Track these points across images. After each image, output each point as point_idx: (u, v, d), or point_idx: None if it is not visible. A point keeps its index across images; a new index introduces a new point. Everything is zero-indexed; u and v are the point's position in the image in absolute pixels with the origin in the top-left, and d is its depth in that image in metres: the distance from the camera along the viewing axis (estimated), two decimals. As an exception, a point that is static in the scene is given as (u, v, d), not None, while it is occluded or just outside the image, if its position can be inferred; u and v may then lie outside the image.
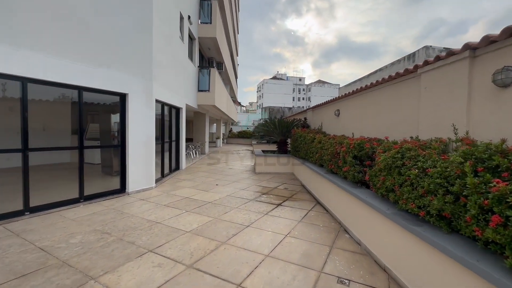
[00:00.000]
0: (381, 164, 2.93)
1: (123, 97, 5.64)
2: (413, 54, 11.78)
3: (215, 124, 27.05)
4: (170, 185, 6.82)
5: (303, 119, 9.90)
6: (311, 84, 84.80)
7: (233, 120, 27.92)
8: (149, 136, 6.15)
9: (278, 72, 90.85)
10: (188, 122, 25.47)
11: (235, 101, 34.62)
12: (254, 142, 18.05)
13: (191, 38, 10.64)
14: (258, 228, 3.96)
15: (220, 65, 15.81)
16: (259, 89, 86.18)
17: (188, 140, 16.41)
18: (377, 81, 4.76)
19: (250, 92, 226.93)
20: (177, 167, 9.12)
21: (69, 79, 4.55)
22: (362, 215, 3.31)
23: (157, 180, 6.95)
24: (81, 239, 3.42)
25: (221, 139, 22.20)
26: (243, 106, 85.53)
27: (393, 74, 4.25)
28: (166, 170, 7.96)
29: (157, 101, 6.70)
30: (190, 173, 8.58)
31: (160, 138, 7.35)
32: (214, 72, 11.42)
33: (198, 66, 11.43)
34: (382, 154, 3.09)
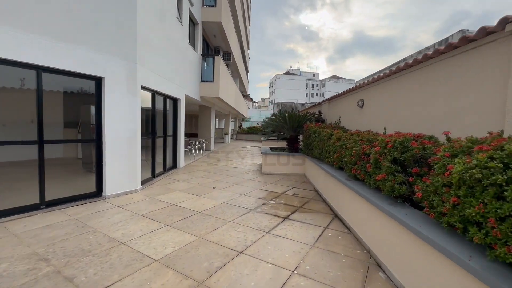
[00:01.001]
0: (454, 177, 1.75)
1: (98, 82, 4.67)
2: (446, 39, 10.23)
3: (224, 119, 26.11)
4: (160, 187, 5.85)
5: (317, 113, 8.67)
6: (325, 79, 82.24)
7: (243, 115, 26.88)
8: (132, 130, 5.17)
9: (291, 67, 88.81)
10: (193, 116, 24.65)
11: (245, 96, 33.56)
12: (263, 138, 16.93)
13: (192, 21, 9.59)
14: (255, 256, 2.86)
15: (227, 55, 14.73)
16: (271, 85, 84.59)
17: (193, 135, 15.51)
18: (425, 56, 3.49)
19: (262, 88, 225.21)
20: (174, 165, 8.17)
21: (22, 56, 3.60)
22: (415, 253, 2.14)
23: (145, 181, 5.99)
24: (3, 270, 2.45)
25: (229, 135, 21.23)
26: (255, 102, 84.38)
27: (455, 41, 2.99)
28: (159, 169, 7.01)
29: (144, 88, 5.71)
30: (187, 173, 7.60)
31: (151, 132, 6.38)
32: (219, 60, 10.35)
33: (202, 54, 10.40)
34: (451, 160, 1.90)
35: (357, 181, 3.74)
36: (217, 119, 31.17)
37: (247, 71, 30.73)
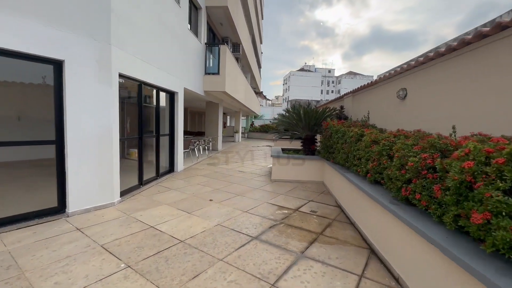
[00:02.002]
0: None
1: (57, 66, 3.62)
2: (493, 20, 8.52)
3: (234, 117, 24.98)
4: (145, 198, 4.79)
5: (338, 108, 7.31)
6: (341, 75, 79.31)
7: (254, 113, 25.70)
8: (106, 128, 4.12)
9: (305, 63, 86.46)
10: (200, 113, 23.71)
11: (258, 93, 32.34)
12: (275, 137, 15.66)
13: (194, 5, 8.48)
14: None
15: (236, 47, 13.56)
16: (285, 82, 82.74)
17: (199, 134, 14.52)
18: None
19: (276, 86, 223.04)
20: (171, 169, 7.12)
21: None
22: None
23: (128, 191, 4.96)
24: None
25: (240, 133, 20.13)
26: (269, 100, 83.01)
27: None
28: (150, 174, 5.97)
29: (125, 77, 4.64)
30: (185, 178, 6.52)
31: (138, 131, 5.33)
32: (225, 50, 9.19)
33: (206, 44, 9.28)
34: None
35: (410, 206, 2.46)
36: (228, 117, 30.22)
37: (259, 66, 29.48)
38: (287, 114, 7.44)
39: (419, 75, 3.95)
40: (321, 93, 76.43)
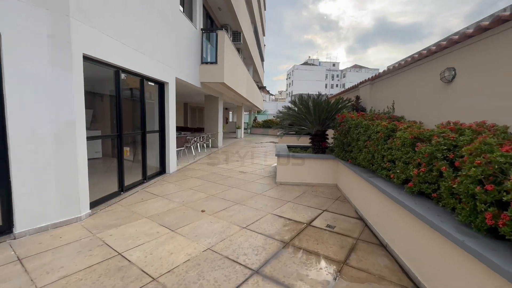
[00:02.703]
0: None
1: (-8, 41, 2.75)
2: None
3: (236, 112, 24.00)
4: (122, 210, 3.93)
5: (353, 99, 6.33)
6: (346, 69, 77.46)
7: (258, 107, 24.74)
8: (67, 124, 3.25)
9: (309, 57, 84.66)
10: (200, 109, 22.79)
11: (261, 87, 31.28)
12: (279, 133, 14.73)
13: (187, -16, 7.52)
14: None
15: (237, 36, 12.57)
16: (288, 76, 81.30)
17: (198, 130, 13.66)
18: None
19: (279, 81, 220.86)
20: (162, 171, 6.26)
21: None
22: None
23: (104, 200, 4.12)
24: None
25: (242, 129, 19.22)
26: (272, 95, 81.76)
27: None
28: (135, 178, 5.13)
29: (93, 60, 3.75)
30: (176, 181, 5.66)
31: (116, 128, 4.46)
32: (223, 36, 8.23)
33: (202, 30, 8.33)
34: None
35: (501, 242, 1.54)
36: (230, 112, 29.31)
37: (262, 59, 28.35)
38: (293, 106, 6.50)
39: (476, 50, 2.97)
40: (326, 87, 74.86)
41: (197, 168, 7.21)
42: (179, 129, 13.94)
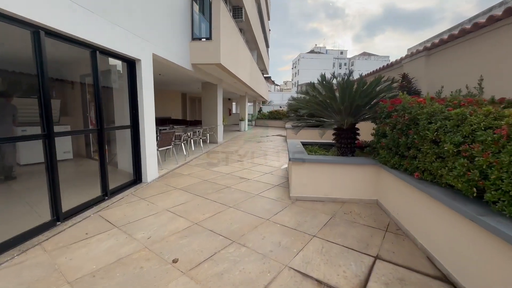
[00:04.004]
0: None
1: None
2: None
3: (239, 103, 22.20)
4: (43, 259, 2.39)
5: (399, 78, 4.52)
6: (354, 57, 74.14)
7: (263, 97, 22.94)
8: None
9: (316, 45, 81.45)
10: (198, 100, 20.99)
11: (266, 77, 29.33)
12: (287, 125, 13.04)
13: None
14: None
15: (238, 11, 10.74)
16: (294, 65, 78.46)
17: (195, 123, 12.05)
18: None
19: (285, 72, 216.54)
20: (136, 180, 4.70)
21: None
22: None
23: (20, 240, 2.57)
24: None
25: (246, 121, 17.53)
26: (277, 85, 79.44)
27: None
28: (87, 196, 3.58)
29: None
30: (152, 196, 4.09)
31: (42, 123, 2.87)
32: (219, 3, 6.47)
33: (192, -4, 6.59)
34: None
35: None
36: (234, 103, 27.58)
37: (267, 46, 26.26)
38: (311, 91, 4.81)
39: None
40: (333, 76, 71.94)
41: (187, 172, 5.63)
42: (172, 122, 12.36)
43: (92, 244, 2.64)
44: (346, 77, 4.16)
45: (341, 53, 78.67)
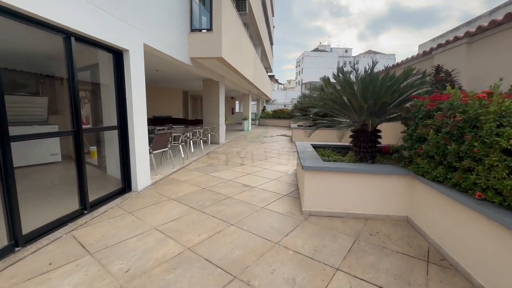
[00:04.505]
0: None
1: None
2: None
3: (243, 102, 21.52)
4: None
5: (431, 70, 3.82)
6: (359, 55, 72.91)
7: (267, 96, 22.29)
8: None
9: (320, 43, 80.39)
10: (200, 98, 20.35)
11: (270, 77, 28.66)
12: (293, 125, 12.41)
13: None
14: None
15: (242, 3, 10.10)
16: (298, 64, 77.48)
17: (195, 122, 11.46)
18: None
19: (288, 70, 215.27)
20: (125, 188, 4.11)
21: None
22: None
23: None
24: None
25: (249, 120, 16.92)
26: (281, 84, 78.68)
27: None
28: (63, 210, 3.00)
29: None
30: (140, 209, 3.50)
31: None
32: (220, -9, 5.86)
33: (191, -17, 5.98)
34: None
35: None
36: (237, 102, 26.98)
37: (271, 43, 25.57)
38: (326, 87, 4.17)
39: None
40: (338, 74, 70.92)
41: (184, 178, 5.04)
42: (172, 121, 11.80)
43: (53, 281, 2.05)
44: (369, 69, 3.52)
45: (346, 51, 77.59)
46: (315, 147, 5.14)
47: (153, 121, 11.71)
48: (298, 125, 11.69)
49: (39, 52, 4.77)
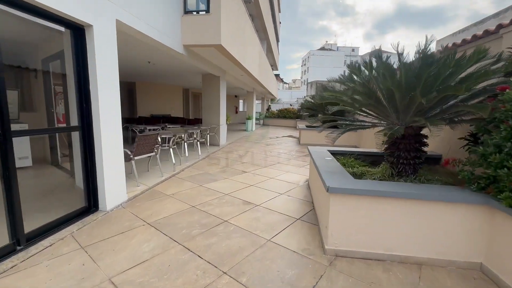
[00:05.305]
0: None
1: None
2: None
3: (247, 100, 20.50)
4: None
5: (508, 51, 2.82)
6: (366, 54, 71.32)
7: (272, 94, 21.29)
8: None
9: (326, 42, 79.00)
10: (198, 95, 19.31)
11: (276, 75, 27.61)
12: (301, 125, 11.42)
13: None
14: None
15: (245, -10, 9.09)
16: (304, 63, 76.17)
17: (193, 122, 10.53)
18: None
19: (293, 70, 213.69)
20: (91, 206, 3.17)
21: None
22: None
23: None
24: None
25: (254, 120, 15.93)
26: (286, 83, 77.58)
27: None
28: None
29: None
30: (100, 242, 2.55)
31: None
32: (219, -35, 4.88)
33: (185, -43, 5.01)
34: None
35: None
36: (241, 101, 26.01)
37: (277, 39, 24.52)
38: (355, 77, 3.18)
39: None
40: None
41: (171, 191, 4.08)
42: (167, 120, 10.90)
43: None
44: (421, 51, 2.51)
45: (353, 50, 75.98)
46: (333, 153, 4.15)
47: (149, 120, 10.82)
48: (307, 126, 10.68)
49: (12, 39, 3.85)
